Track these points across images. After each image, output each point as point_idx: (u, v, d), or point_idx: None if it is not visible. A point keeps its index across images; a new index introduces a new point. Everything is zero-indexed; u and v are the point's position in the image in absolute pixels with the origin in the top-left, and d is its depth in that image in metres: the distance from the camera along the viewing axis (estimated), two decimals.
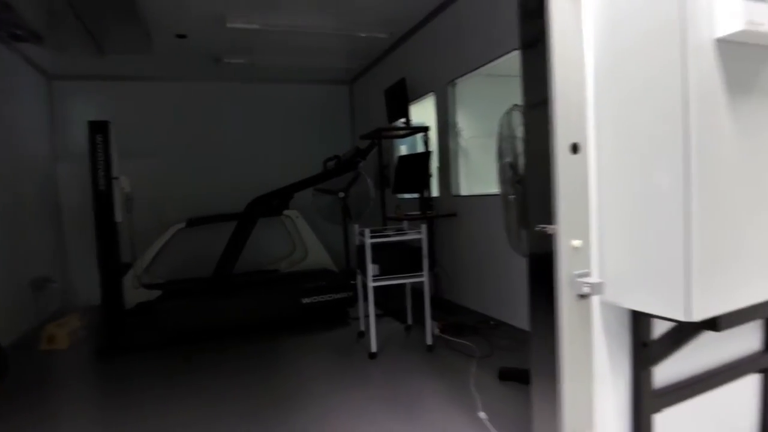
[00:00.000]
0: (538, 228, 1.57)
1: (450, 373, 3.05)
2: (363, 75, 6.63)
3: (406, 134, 5.18)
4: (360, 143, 5.08)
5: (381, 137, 4.95)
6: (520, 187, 2.34)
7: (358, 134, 5.48)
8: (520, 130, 2.34)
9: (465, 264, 4.44)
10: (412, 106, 4.95)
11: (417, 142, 5.53)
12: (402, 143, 5.95)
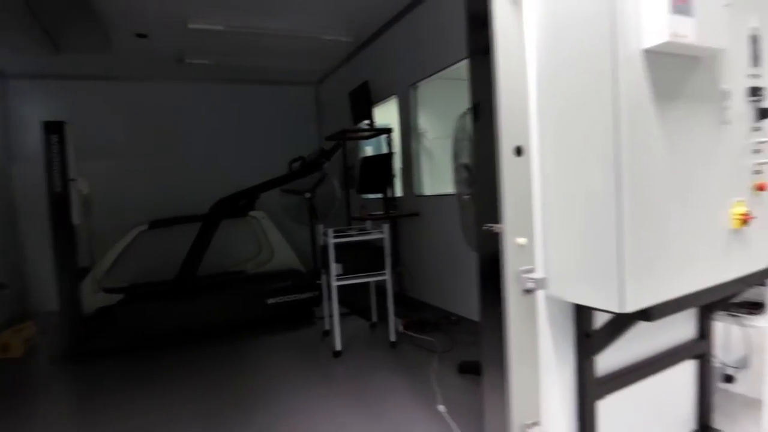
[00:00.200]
0: (485, 227, 1.65)
1: (412, 368, 3.12)
2: (329, 77, 6.65)
3: (370, 136, 5.24)
4: (325, 144, 5.11)
5: (345, 138, 4.99)
6: (473, 188, 2.43)
7: (325, 135, 5.50)
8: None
9: (427, 262, 4.53)
10: (376, 108, 5.01)
11: (382, 144, 5.60)
12: (368, 144, 6.00)
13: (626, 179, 1.38)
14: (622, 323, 1.61)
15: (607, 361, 1.80)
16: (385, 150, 4.97)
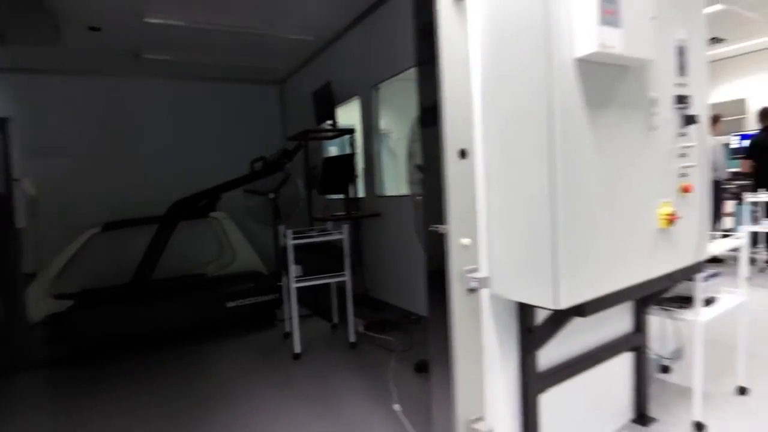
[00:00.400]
0: (431, 227, 1.70)
1: (371, 368, 3.15)
2: (292, 76, 6.60)
3: (332, 136, 5.25)
4: (288, 144, 5.08)
5: (308, 139, 4.97)
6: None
7: (289, 135, 5.46)
8: None
9: (388, 262, 4.58)
10: (340, 109, 5.02)
11: (345, 144, 5.61)
12: (332, 145, 6.00)
13: (560, 182, 1.45)
14: (559, 319, 1.68)
15: (549, 356, 1.89)
16: (348, 150, 4.99)
